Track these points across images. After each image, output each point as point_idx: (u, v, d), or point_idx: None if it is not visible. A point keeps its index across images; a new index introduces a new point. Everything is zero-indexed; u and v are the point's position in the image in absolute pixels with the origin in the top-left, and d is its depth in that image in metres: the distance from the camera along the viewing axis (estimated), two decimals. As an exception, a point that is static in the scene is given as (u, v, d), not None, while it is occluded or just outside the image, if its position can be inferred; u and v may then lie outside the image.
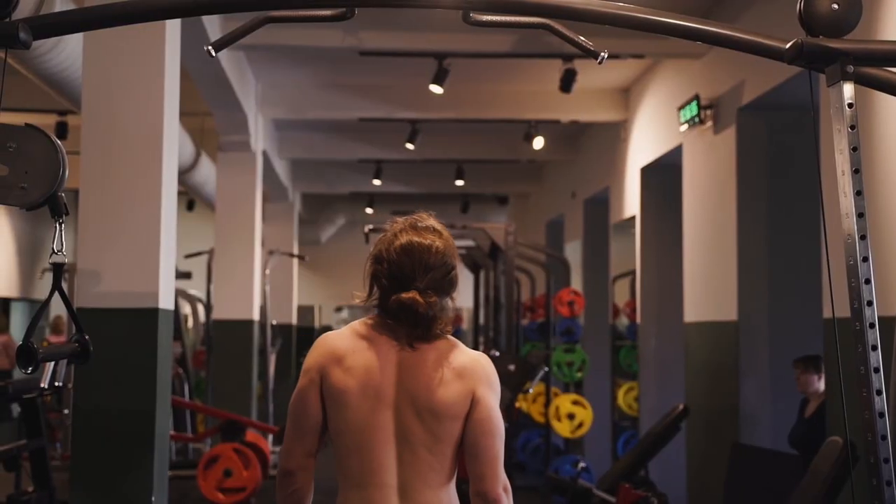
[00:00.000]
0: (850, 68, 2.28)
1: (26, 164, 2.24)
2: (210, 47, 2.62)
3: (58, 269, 2.39)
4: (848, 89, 2.29)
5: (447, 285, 2.38)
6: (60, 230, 2.36)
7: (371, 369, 2.31)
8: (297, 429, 2.36)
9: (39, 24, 2.28)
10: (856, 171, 2.27)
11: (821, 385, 5.47)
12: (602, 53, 2.77)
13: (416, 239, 2.37)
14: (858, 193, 2.26)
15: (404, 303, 2.31)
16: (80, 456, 4.38)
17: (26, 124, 2.25)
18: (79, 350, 2.52)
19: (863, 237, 2.26)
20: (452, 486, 2.37)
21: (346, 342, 2.35)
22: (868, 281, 2.25)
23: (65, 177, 2.24)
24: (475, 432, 2.31)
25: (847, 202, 2.28)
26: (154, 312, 4.38)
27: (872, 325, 2.25)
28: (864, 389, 2.27)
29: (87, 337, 2.53)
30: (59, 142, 2.26)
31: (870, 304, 2.25)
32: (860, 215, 2.26)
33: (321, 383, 2.33)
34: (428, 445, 2.31)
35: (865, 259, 2.25)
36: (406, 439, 2.31)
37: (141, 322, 4.37)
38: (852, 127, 2.27)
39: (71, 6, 4.86)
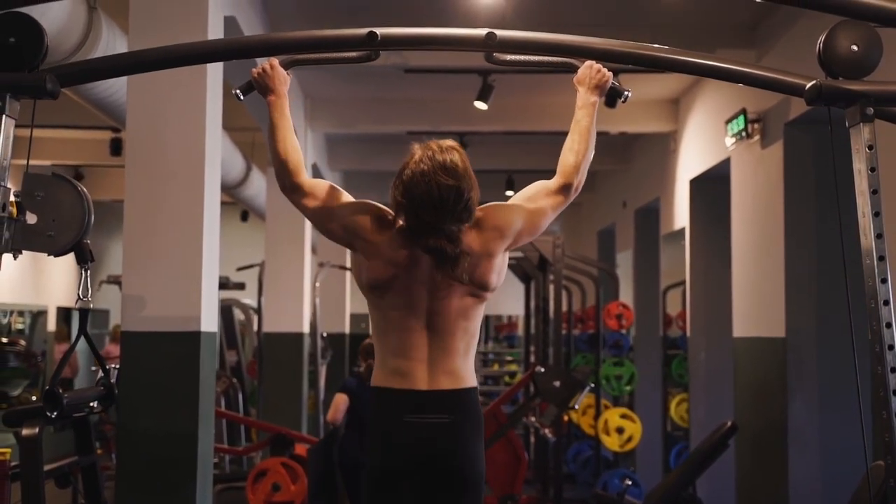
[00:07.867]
0: (870, 110, 2.26)
1: (53, 213, 2.31)
2: (238, 91, 2.68)
3: (84, 315, 2.45)
4: (868, 131, 2.27)
5: (466, 215, 2.67)
6: (86, 276, 2.41)
7: (409, 284, 2.62)
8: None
9: (66, 73, 2.34)
10: (876, 214, 2.25)
11: None
12: (626, 92, 2.78)
13: (436, 181, 2.62)
14: (879, 237, 2.24)
15: (432, 247, 2.59)
16: (124, 477, 4.45)
17: (53, 174, 2.31)
18: (104, 394, 2.59)
19: (883, 280, 2.24)
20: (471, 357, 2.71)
21: (390, 246, 2.64)
22: (889, 325, 2.23)
23: (90, 224, 2.30)
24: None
25: (867, 243, 2.26)
26: (196, 336, 4.44)
27: (896, 392, 2.23)
28: (885, 411, 2.25)
29: (112, 381, 2.60)
30: (84, 190, 2.32)
31: (891, 348, 2.23)
32: (881, 258, 2.24)
33: (353, 232, 2.66)
34: (454, 334, 2.64)
35: (886, 303, 2.23)
36: (435, 332, 2.63)
37: (183, 345, 4.44)
38: (872, 169, 2.26)
39: (118, 38, 4.95)
